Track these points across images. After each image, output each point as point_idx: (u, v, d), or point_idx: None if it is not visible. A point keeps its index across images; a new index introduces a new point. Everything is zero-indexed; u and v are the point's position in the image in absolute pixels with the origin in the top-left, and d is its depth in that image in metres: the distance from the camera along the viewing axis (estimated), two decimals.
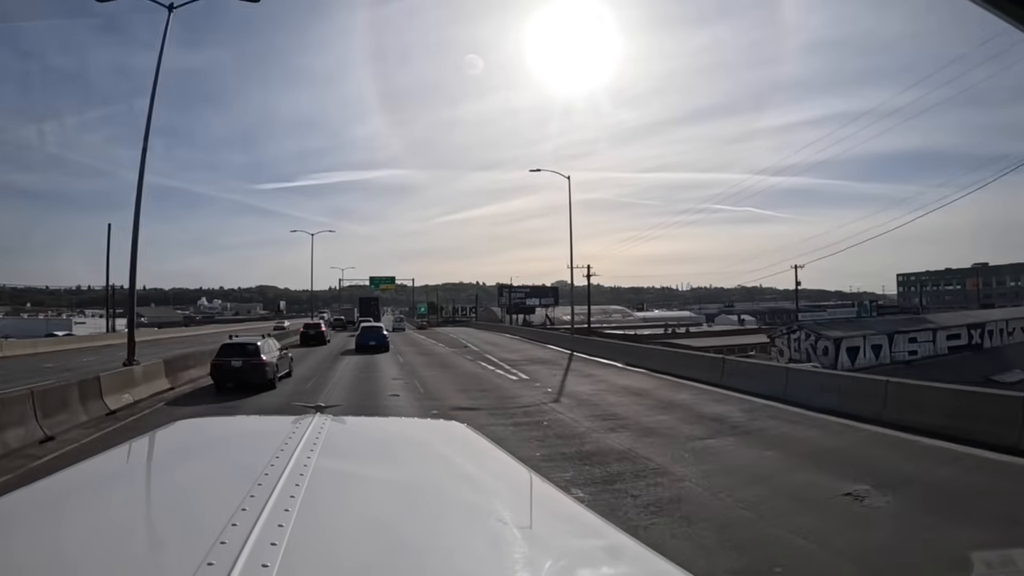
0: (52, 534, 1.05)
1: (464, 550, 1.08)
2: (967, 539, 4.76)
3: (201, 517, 1.06)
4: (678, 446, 8.70)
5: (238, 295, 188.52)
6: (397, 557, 1.00)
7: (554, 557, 1.08)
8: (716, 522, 5.57)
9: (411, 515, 1.22)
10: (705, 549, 4.92)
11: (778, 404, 12.08)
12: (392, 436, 2.04)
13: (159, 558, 0.95)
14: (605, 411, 11.56)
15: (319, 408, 2.22)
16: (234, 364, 14.15)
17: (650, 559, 1.11)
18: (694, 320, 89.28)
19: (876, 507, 5.93)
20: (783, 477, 7.19)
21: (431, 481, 1.52)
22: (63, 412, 10.16)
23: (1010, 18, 1.23)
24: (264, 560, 0.85)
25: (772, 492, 6.55)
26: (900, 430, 9.20)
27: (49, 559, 0.96)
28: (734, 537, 5.23)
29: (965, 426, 8.48)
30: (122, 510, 1.22)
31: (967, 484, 6.84)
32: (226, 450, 1.73)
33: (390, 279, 77.89)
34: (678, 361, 18.21)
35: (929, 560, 4.69)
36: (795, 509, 5.93)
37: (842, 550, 4.91)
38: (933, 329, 43.26)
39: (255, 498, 1.07)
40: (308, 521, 1.01)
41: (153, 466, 1.67)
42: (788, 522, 5.47)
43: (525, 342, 35.29)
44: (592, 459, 7.87)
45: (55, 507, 1.22)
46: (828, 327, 38.48)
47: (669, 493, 6.54)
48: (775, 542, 5.09)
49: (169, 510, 1.19)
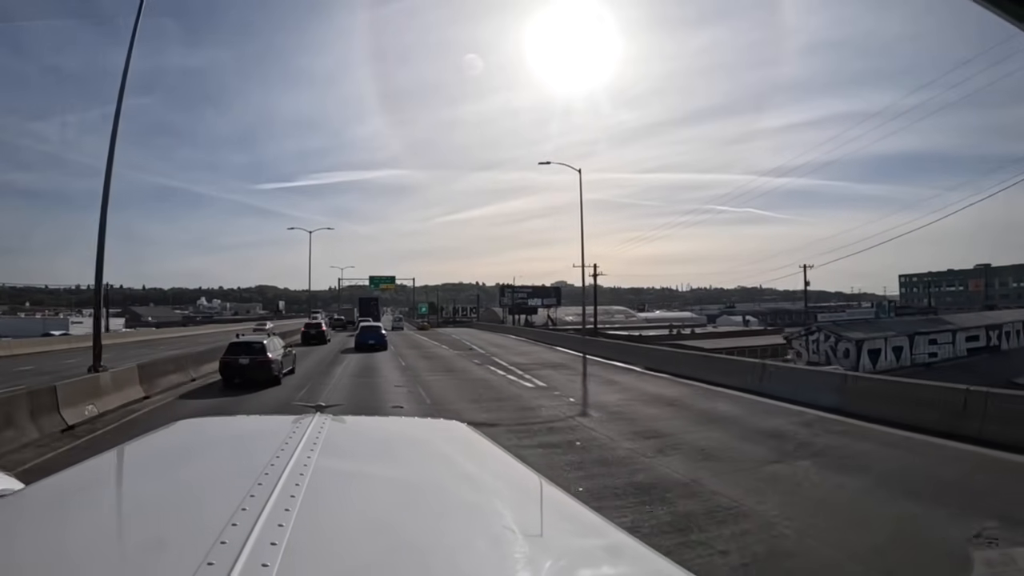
0: (53, 534, 1.05)
1: (465, 549, 1.06)
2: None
3: (201, 517, 1.06)
4: (746, 473, 7.15)
5: (237, 295, 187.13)
6: (398, 557, 0.99)
7: (555, 556, 1.08)
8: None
9: (412, 514, 1.20)
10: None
11: (833, 416, 10.55)
12: (392, 435, 2.01)
13: (159, 558, 0.92)
14: (643, 426, 9.95)
15: (319, 408, 2.18)
16: (241, 361, 14.64)
17: (651, 558, 1.09)
18: (696, 321, 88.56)
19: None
20: (888, 513, 5.78)
21: (432, 480, 1.50)
22: (8, 429, 8.58)
23: (1009, 16, 1.23)
24: (264, 560, 0.84)
25: (889, 538, 5.18)
26: (990, 447, 7.87)
27: (50, 559, 0.95)
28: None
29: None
30: (122, 510, 1.23)
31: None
32: (226, 450, 1.73)
33: (390, 279, 76.55)
34: (708, 366, 16.59)
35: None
36: (929, 563, 4.63)
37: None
38: (952, 331, 42.03)
39: (255, 498, 1.06)
40: (308, 521, 1.00)
41: (153, 466, 1.61)
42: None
43: (532, 344, 33.68)
44: (650, 494, 6.27)
45: (55, 507, 1.21)
46: (848, 328, 36.96)
47: (762, 545, 5.04)
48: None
49: (169, 510, 1.17)
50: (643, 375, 17.71)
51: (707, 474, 7.03)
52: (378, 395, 14.00)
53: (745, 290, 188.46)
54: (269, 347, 15.17)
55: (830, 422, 10.26)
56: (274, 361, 15.02)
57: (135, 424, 10.30)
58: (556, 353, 26.83)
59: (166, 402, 12.96)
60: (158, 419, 10.37)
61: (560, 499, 1.44)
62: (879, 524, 5.57)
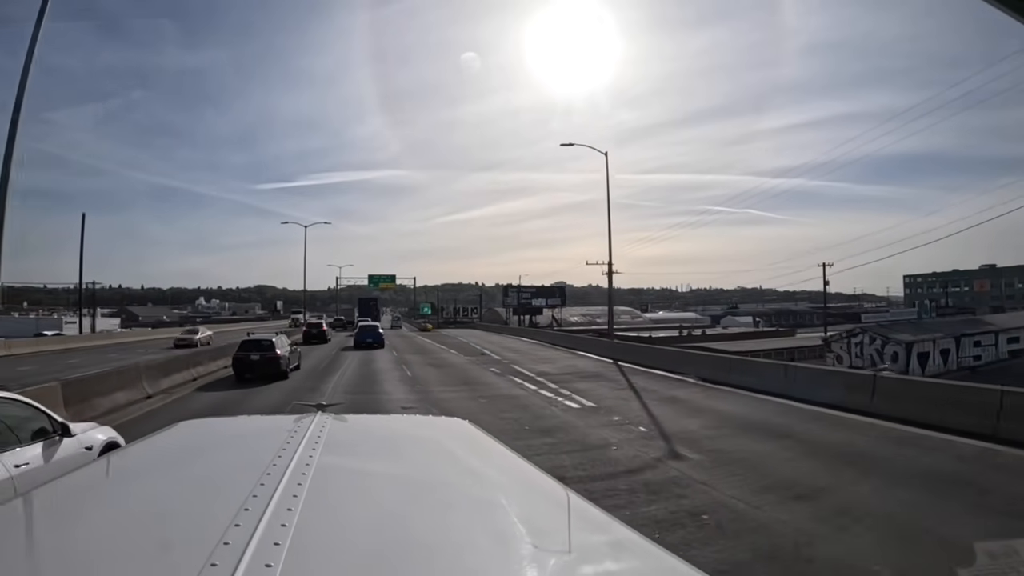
0: (57, 535, 1.03)
1: (470, 546, 1.05)
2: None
3: (204, 517, 1.05)
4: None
5: (236, 295, 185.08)
6: (402, 554, 0.97)
7: (561, 552, 1.07)
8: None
9: (415, 512, 1.19)
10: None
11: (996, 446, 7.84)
12: (394, 433, 1.99)
13: (163, 559, 0.91)
14: (773, 476, 6.74)
15: (320, 407, 2.17)
16: (253, 357, 15.46)
17: (656, 554, 1.08)
18: (700, 322, 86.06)
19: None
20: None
21: (434, 477, 1.48)
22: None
23: (1011, 11, 1.19)
24: (268, 560, 0.83)
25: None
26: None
27: (54, 560, 0.95)
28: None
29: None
30: (125, 511, 1.19)
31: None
32: (228, 450, 1.70)
33: (390, 278, 73.97)
34: (784, 377, 13.35)
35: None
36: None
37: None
38: (995, 332, 39.07)
39: (258, 498, 1.05)
40: (311, 519, 0.99)
41: (156, 467, 1.57)
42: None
43: (550, 348, 30.33)
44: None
45: (60, 509, 1.21)
46: (894, 330, 33.81)
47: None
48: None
49: (172, 510, 1.15)
50: (704, 388, 14.46)
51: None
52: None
53: (745, 291, 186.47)
54: (277, 344, 16.06)
55: (996, 453, 7.39)
56: (282, 357, 15.89)
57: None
58: (583, 359, 23.52)
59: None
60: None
61: (564, 496, 1.38)
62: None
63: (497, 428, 9.87)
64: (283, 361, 15.95)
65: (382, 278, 72.87)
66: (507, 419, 10.65)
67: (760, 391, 13.07)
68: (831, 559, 4.52)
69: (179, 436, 1.79)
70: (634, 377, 17.02)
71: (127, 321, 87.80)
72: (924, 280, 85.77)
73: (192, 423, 1.95)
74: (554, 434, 9.32)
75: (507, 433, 9.46)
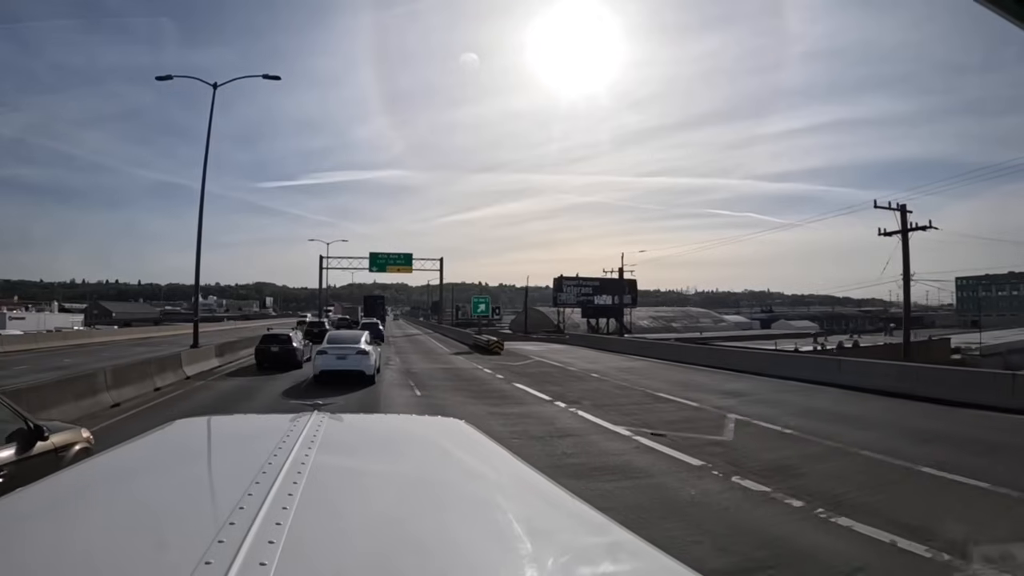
0: (50, 534, 1.00)
1: (467, 546, 1.02)
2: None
3: (199, 515, 1.03)
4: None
5: (235, 292, 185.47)
6: (397, 553, 0.95)
7: (558, 552, 1.04)
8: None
9: (411, 511, 1.16)
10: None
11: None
12: (391, 432, 1.97)
13: (157, 557, 0.89)
14: None
15: (317, 406, 2.22)
16: (272, 349, 18.26)
17: (653, 555, 1.05)
18: (752, 327, 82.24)
19: None
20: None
21: (431, 477, 1.44)
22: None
23: (1012, 17, 1.17)
24: (262, 559, 0.82)
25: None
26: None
27: (48, 559, 0.92)
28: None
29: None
30: (120, 509, 1.15)
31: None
32: (224, 448, 1.72)
33: (405, 257, 55.63)
34: None
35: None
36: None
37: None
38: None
39: (253, 496, 1.03)
40: (306, 519, 0.97)
41: (150, 465, 1.53)
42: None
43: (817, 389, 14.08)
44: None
45: (53, 507, 1.17)
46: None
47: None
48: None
49: (167, 509, 1.11)
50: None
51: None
52: None
53: (753, 294, 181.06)
54: (294, 339, 19.01)
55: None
56: (298, 349, 18.66)
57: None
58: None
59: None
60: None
61: (562, 496, 1.36)
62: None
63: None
64: (299, 352, 18.58)
65: (391, 259, 55.14)
66: None
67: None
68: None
69: (174, 434, 1.78)
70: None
71: (97, 318, 77.88)
72: (976, 282, 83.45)
73: (187, 421, 1.92)
74: None
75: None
